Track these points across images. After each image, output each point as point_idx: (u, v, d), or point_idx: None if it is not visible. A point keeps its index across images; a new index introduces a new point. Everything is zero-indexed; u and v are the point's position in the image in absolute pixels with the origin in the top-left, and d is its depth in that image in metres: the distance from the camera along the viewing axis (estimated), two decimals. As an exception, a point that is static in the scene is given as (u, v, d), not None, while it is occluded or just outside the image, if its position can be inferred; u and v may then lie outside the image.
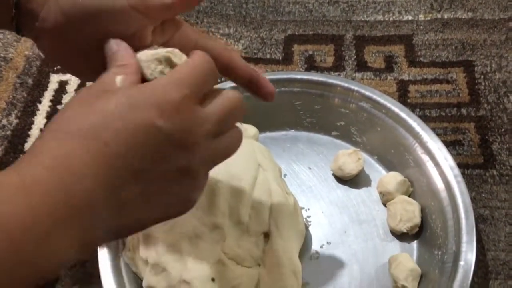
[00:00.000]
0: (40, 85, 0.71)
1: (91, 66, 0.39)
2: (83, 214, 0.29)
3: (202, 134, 0.33)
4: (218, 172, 0.53)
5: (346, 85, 0.61)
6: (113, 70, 0.34)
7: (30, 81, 0.72)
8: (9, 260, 0.27)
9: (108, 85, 0.32)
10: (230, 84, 0.62)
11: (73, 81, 0.72)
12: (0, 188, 0.29)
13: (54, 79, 0.72)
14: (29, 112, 0.69)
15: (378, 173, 0.60)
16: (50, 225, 0.28)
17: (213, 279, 0.48)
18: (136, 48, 0.37)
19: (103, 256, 0.50)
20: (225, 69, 0.41)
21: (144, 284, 0.50)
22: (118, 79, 0.33)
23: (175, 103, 0.31)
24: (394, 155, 0.59)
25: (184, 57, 0.37)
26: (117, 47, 0.35)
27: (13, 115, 0.69)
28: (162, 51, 0.36)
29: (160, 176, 0.32)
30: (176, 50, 0.37)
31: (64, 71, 0.72)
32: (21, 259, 0.27)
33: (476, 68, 0.69)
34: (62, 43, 0.38)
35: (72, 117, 0.31)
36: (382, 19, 0.76)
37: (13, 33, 0.40)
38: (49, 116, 0.68)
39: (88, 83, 0.72)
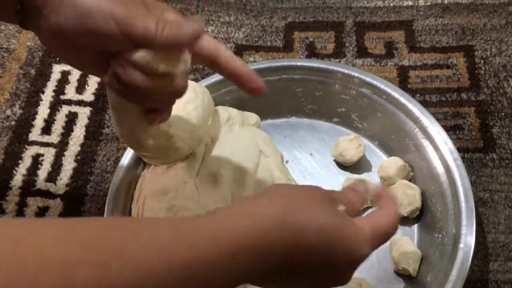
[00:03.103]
0: (43, 76, 0.72)
1: (91, 62, 0.41)
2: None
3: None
4: (220, 160, 0.54)
5: (346, 71, 0.61)
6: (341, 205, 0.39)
7: (33, 71, 0.72)
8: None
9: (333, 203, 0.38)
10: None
11: (76, 72, 0.72)
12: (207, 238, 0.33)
13: (57, 70, 0.72)
14: (32, 103, 0.69)
15: (379, 158, 0.61)
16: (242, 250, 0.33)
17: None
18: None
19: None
20: (212, 64, 0.43)
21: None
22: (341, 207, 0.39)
23: (363, 257, 0.39)
24: (394, 140, 0.60)
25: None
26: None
27: (17, 106, 0.69)
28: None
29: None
30: None
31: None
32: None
33: (476, 53, 0.70)
34: (62, 40, 0.40)
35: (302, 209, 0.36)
36: (382, 5, 0.76)
37: (15, 24, 0.41)
38: (53, 107, 0.69)
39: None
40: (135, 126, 0.46)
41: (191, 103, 0.53)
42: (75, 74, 0.72)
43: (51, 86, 0.71)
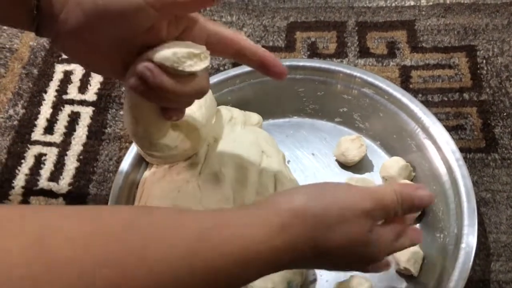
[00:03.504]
0: (46, 75, 0.72)
1: (109, 63, 0.41)
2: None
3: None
4: (223, 159, 0.54)
5: (348, 71, 0.61)
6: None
7: (35, 71, 0.72)
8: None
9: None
10: (233, 72, 0.63)
11: (78, 71, 0.72)
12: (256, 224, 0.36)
13: (59, 69, 0.72)
14: (35, 102, 0.70)
15: (381, 158, 0.61)
16: (268, 264, 0.36)
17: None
18: (152, 41, 0.40)
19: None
20: (237, 55, 0.43)
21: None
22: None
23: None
24: (396, 140, 0.60)
25: (200, 47, 0.41)
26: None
27: (20, 105, 0.69)
28: (182, 50, 0.39)
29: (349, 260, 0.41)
30: (190, 43, 0.41)
31: (69, 61, 0.73)
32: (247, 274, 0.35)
33: (478, 53, 0.70)
34: (81, 43, 0.39)
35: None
36: (384, 5, 0.76)
37: (32, 31, 0.41)
38: (55, 106, 0.69)
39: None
40: (152, 125, 0.46)
41: (194, 103, 0.53)
42: (78, 74, 0.72)
43: (53, 85, 0.71)
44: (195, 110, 0.53)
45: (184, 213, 0.36)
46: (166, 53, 0.39)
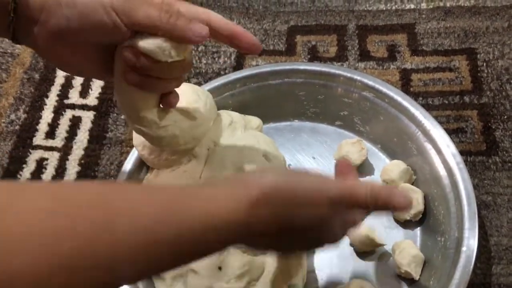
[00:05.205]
0: (47, 80, 0.72)
1: (90, 64, 0.42)
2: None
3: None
4: (223, 163, 0.54)
5: (349, 75, 0.61)
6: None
7: (37, 76, 0.73)
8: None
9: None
10: (234, 76, 0.63)
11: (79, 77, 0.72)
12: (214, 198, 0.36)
13: (61, 74, 0.73)
14: (36, 107, 0.70)
15: (381, 162, 0.61)
16: (231, 234, 0.36)
17: (219, 268, 0.49)
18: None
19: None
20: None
21: (153, 273, 0.51)
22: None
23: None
24: (397, 144, 0.60)
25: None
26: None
27: (21, 110, 0.70)
28: (166, 44, 0.41)
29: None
30: None
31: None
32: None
33: (478, 56, 0.70)
34: (62, 45, 0.40)
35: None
36: (384, 8, 0.76)
37: (6, 38, 0.41)
38: (56, 111, 0.69)
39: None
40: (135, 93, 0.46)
41: (193, 104, 0.53)
42: (79, 79, 0.72)
43: (55, 90, 0.71)
44: (194, 108, 0.53)
45: (153, 187, 0.37)
46: (151, 46, 0.40)
